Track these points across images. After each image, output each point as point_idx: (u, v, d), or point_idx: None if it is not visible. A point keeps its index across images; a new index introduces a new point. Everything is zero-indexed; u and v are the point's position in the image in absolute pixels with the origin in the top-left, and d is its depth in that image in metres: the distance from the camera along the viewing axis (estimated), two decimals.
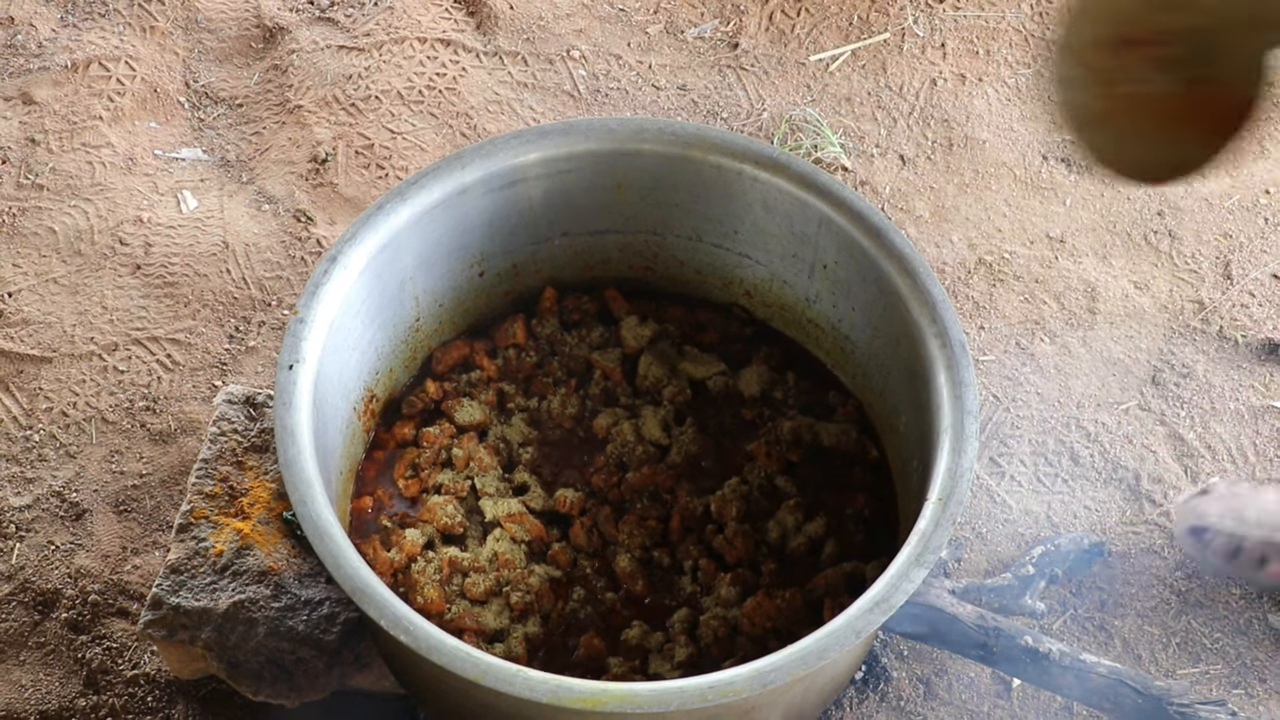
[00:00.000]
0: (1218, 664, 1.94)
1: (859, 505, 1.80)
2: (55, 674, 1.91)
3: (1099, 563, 2.01)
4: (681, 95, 2.54)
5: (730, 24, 2.63)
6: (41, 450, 2.10)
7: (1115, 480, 2.10)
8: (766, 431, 1.86)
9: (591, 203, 1.85)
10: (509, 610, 1.69)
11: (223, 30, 2.61)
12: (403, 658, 1.62)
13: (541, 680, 1.39)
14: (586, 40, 2.60)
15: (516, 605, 1.69)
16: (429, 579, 1.70)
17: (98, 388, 2.16)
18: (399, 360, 1.86)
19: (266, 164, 2.44)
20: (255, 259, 2.31)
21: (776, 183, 1.77)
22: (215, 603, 1.73)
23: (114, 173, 2.40)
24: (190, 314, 2.24)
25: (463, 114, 2.49)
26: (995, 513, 2.07)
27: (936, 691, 1.91)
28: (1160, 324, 2.27)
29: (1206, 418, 2.17)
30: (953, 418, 1.58)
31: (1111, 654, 1.94)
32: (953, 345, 1.62)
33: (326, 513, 1.49)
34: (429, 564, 1.72)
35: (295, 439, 1.54)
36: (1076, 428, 2.15)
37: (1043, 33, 2.63)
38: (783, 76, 2.56)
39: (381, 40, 2.58)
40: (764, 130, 2.49)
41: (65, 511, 2.04)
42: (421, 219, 1.75)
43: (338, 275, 1.66)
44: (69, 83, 2.50)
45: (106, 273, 2.29)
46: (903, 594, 1.45)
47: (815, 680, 1.57)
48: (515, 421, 1.85)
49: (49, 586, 1.97)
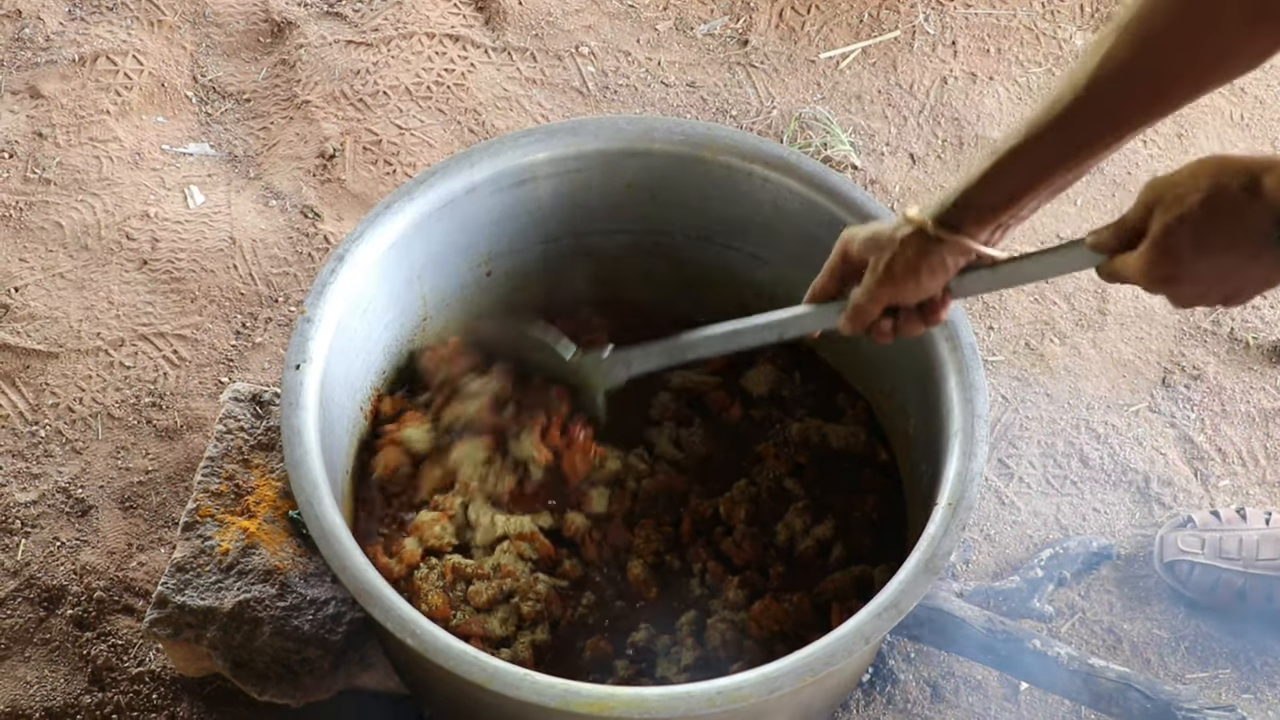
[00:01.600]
0: (1227, 668, 1.94)
1: (868, 508, 1.79)
2: (60, 670, 1.90)
3: (1108, 566, 2.01)
4: (691, 92, 2.53)
5: (740, 21, 2.62)
6: (47, 446, 2.09)
7: (1124, 483, 2.09)
8: (775, 433, 1.85)
9: (600, 202, 1.84)
10: (517, 617, 1.68)
11: (231, 24, 2.60)
12: (409, 660, 1.62)
13: (549, 684, 1.38)
14: (595, 36, 2.59)
15: (528, 614, 1.68)
16: (432, 585, 1.69)
17: (104, 383, 2.15)
18: (406, 360, 1.85)
19: (274, 159, 2.43)
20: (262, 255, 2.30)
21: (787, 183, 1.76)
22: (221, 601, 1.72)
23: (121, 167, 2.40)
24: (197, 310, 2.24)
25: (471, 110, 2.48)
26: (1003, 515, 2.06)
27: (944, 694, 1.90)
28: (1170, 325, 2.26)
29: (1217, 420, 2.16)
30: (963, 421, 1.57)
31: (1120, 658, 1.93)
32: (963, 348, 1.61)
33: (332, 514, 1.48)
34: (432, 570, 1.70)
35: (302, 439, 1.53)
36: (1086, 429, 2.14)
37: (1054, 31, 2.61)
38: (792, 74, 2.55)
39: (390, 35, 2.57)
40: (773, 128, 2.48)
41: (71, 508, 2.03)
42: (429, 218, 1.74)
43: (345, 274, 1.66)
44: (76, 77, 2.50)
45: (113, 268, 2.28)
46: (912, 600, 1.44)
47: (823, 684, 1.56)
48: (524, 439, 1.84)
49: (54, 583, 1.97)
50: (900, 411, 1.79)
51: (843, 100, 2.51)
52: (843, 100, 2.51)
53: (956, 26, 2.61)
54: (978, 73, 2.56)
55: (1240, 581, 1.92)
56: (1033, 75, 2.55)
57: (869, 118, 2.49)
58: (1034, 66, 2.56)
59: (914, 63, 2.56)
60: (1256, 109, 2.50)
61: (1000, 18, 2.62)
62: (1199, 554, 1.94)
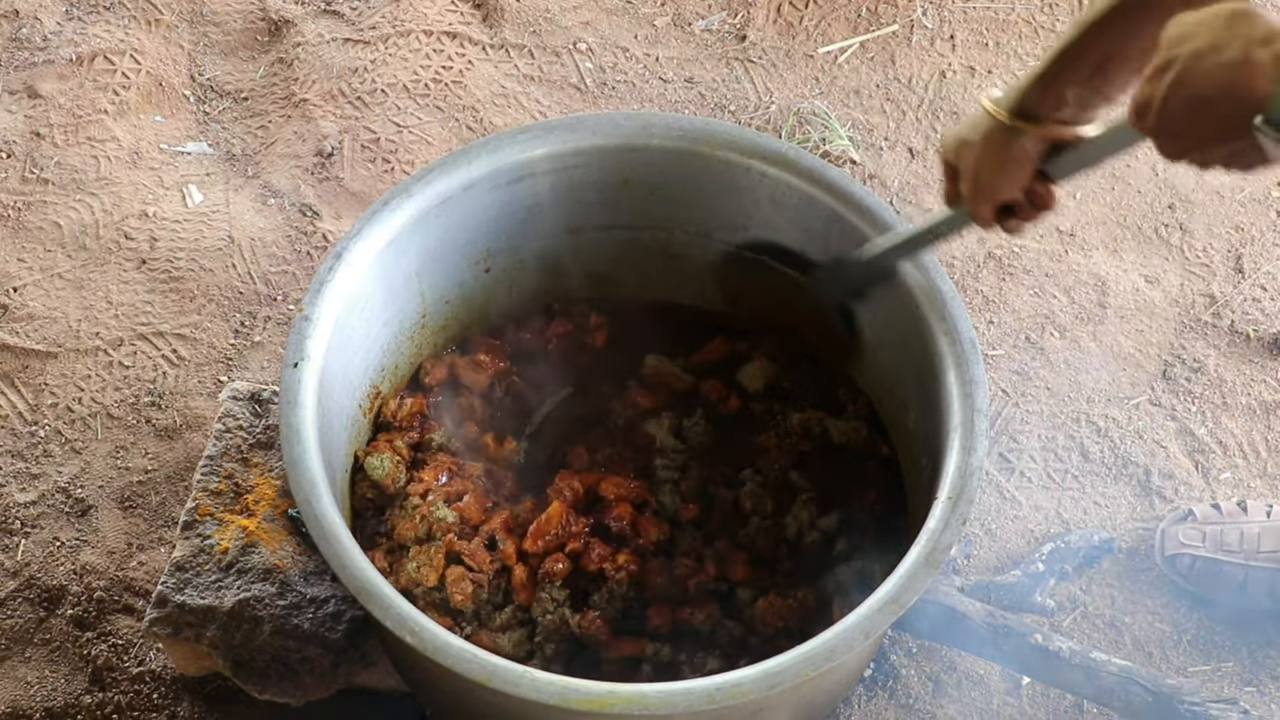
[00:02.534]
0: (1229, 661, 1.93)
1: (870, 502, 1.79)
2: (61, 670, 1.90)
3: (1109, 559, 2.00)
4: (689, 88, 2.52)
5: (738, 16, 2.62)
6: (47, 446, 2.09)
7: (1125, 476, 2.09)
8: (775, 424, 1.85)
9: (599, 198, 1.84)
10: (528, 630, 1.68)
11: (228, 23, 2.60)
12: (409, 658, 1.62)
13: (548, 682, 1.38)
14: (593, 33, 2.59)
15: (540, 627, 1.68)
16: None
17: (103, 383, 2.15)
18: (405, 357, 1.85)
19: (272, 158, 2.42)
20: (261, 254, 2.30)
21: (785, 178, 1.76)
22: (220, 600, 1.72)
23: (119, 167, 2.39)
24: (196, 309, 2.24)
25: (469, 107, 2.48)
26: (1005, 509, 2.06)
27: (946, 689, 1.90)
28: (1171, 318, 2.25)
29: (1218, 413, 2.15)
30: (962, 415, 1.57)
31: (1122, 651, 1.93)
32: (962, 342, 1.61)
33: (331, 512, 1.48)
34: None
35: (300, 437, 1.53)
36: (1087, 423, 2.14)
37: (1052, 24, 2.61)
38: (791, 69, 2.54)
39: (387, 33, 2.57)
40: (772, 123, 2.47)
41: (70, 507, 2.03)
42: (427, 215, 1.74)
43: (343, 272, 1.65)
44: (74, 76, 2.50)
45: (112, 267, 2.28)
46: (912, 594, 1.44)
47: (824, 680, 1.56)
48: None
49: (54, 583, 1.97)
50: (901, 406, 1.78)
51: (841, 95, 2.51)
52: (841, 95, 2.51)
53: (954, 20, 2.61)
54: (976, 66, 2.55)
55: (1242, 574, 1.91)
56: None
57: (867, 112, 2.49)
58: (1032, 60, 2.55)
59: (912, 57, 2.56)
60: None
61: (998, 11, 2.62)
62: (1200, 547, 1.93)
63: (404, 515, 1.71)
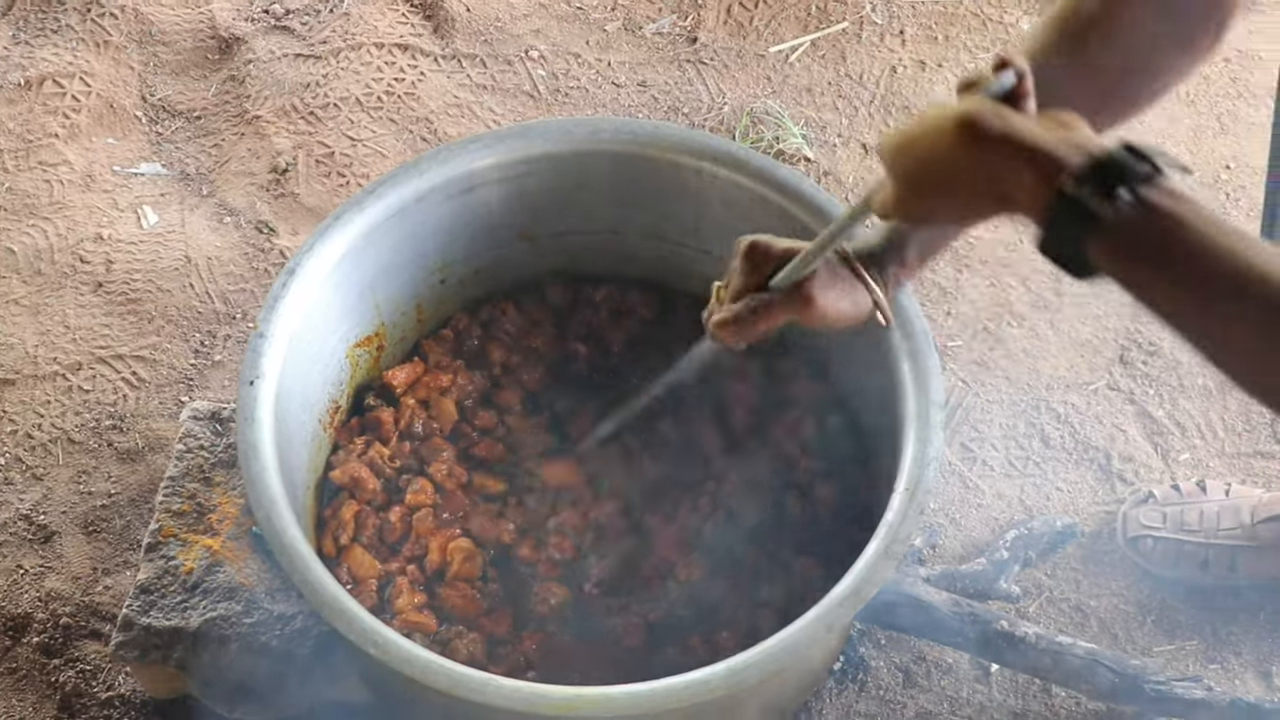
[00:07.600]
0: (1193, 639, 1.95)
1: (829, 495, 1.80)
2: (29, 699, 1.89)
3: (1072, 544, 2.02)
4: (642, 92, 2.53)
5: (688, 19, 2.63)
6: (7, 474, 2.08)
7: (1086, 460, 2.11)
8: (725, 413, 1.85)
9: (551, 205, 1.85)
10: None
11: (178, 42, 2.59)
12: (375, 670, 1.62)
13: (514, 688, 1.38)
14: (544, 40, 2.59)
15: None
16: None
17: (63, 408, 2.14)
18: (362, 370, 1.85)
19: (227, 176, 2.42)
20: (218, 272, 2.29)
21: (735, 179, 1.77)
22: (186, 621, 1.72)
23: (72, 190, 2.38)
24: (154, 330, 2.23)
25: (423, 119, 2.48)
26: (968, 498, 2.08)
27: (916, 679, 1.91)
28: (1127, 303, 2.27)
29: (1175, 395, 2.18)
30: (917, 407, 1.58)
31: (1088, 634, 1.95)
32: (915, 335, 1.62)
33: (292, 528, 1.48)
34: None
35: (258, 455, 1.53)
36: (1046, 410, 2.16)
37: (1000, 16, 2.63)
38: (742, 69, 2.56)
39: (338, 47, 2.56)
40: (725, 124, 2.48)
41: (33, 534, 2.02)
42: (379, 228, 1.74)
43: (296, 288, 1.65)
44: (23, 100, 2.48)
45: (68, 291, 2.27)
46: (873, 586, 1.45)
47: (790, 674, 1.57)
48: None
49: (19, 611, 1.95)
50: (857, 399, 1.79)
51: (793, 93, 2.52)
52: (793, 93, 2.52)
53: (904, 15, 2.62)
54: (926, 60, 2.57)
55: (1203, 553, 1.93)
56: (981, 61, 2.56)
57: (820, 110, 2.50)
58: (982, 53, 2.57)
59: (863, 53, 2.58)
60: (1201, 85, 2.52)
61: (947, 5, 2.64)
62: (1161, 528, 1.95)
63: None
